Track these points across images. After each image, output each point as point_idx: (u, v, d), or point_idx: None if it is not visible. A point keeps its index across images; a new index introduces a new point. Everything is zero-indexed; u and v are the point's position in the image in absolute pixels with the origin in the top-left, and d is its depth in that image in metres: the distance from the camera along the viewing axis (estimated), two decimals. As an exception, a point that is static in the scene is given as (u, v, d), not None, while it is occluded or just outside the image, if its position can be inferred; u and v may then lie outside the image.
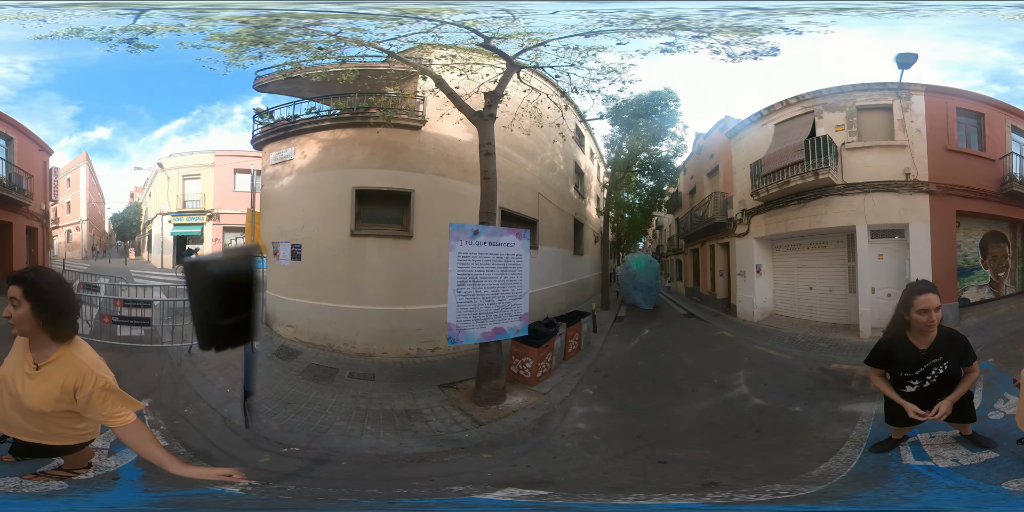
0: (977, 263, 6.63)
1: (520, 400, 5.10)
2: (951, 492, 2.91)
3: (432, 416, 4.65)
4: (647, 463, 3.72)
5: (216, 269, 1.62)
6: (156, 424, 3.90)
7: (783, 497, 2.98)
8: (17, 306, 2.18)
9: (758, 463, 3.65)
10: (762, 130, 7.27)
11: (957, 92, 6.59)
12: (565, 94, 6.03)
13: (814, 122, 6.79)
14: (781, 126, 7.09)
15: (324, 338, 5.93)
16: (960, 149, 6.54)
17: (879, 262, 6.42)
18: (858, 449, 3.65)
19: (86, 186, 7.11)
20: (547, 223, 7.73)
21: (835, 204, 6.58)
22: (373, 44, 5.05)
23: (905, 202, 6.35)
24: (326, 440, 4.07)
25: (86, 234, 7.34)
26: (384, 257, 6.01)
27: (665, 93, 6.87)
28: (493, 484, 3.27)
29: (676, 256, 10.46)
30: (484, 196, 5.10)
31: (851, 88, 6.72)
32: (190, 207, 7.06)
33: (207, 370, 4.95)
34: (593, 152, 9.54)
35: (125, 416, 2.23)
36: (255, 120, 6.33)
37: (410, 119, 5.96)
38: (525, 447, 4.13)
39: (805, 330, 6.70)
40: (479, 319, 4.92)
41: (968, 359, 3.12)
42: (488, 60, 5.36)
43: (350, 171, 6.04)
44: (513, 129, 5.98)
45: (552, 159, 7.82)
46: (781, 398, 5.01)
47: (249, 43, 5.38)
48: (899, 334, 3.14)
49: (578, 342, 6.56)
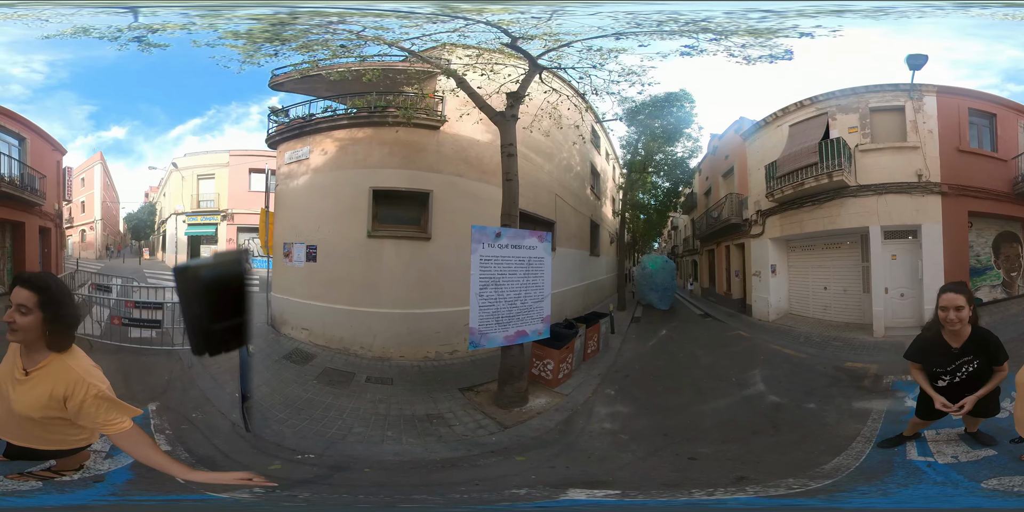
0: (990, 263, 6.70)
1: (543, 402, 5.11)
2: (935, 488, 3.03)
3: (455, 420, 4.62)
4: (679, 460, 3.79)
5: (207, 273, 1.60)
6: (162, 428, 3.82)
7: (795, 491, 3.10)
8: (26, 314, 2.05)
9: (776, 458, 3.75)
10: (776, 131, 7.30)
11: (969, 92, 6.64)
12: (583, 96, 6.02)
13: (828, 124, 6.83)
14: (795, 127, 7.12)
15: (340, 341, 5.89)
16: (972, 150, 6.59)
17: (892, 262, 6.48)
18: (868, 444, 3.77)
19: (100, 186, 7.04)
20: (564, 224, 7.74)
21: (849, 205, 6.64)
22: (395, 43, 5.01)
23: (917, 203, 6.41)
24: (344, 446, 3.97)
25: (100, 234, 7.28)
26: (402, 259, 5.97)
27: (681, 94, 6.88)
28: (549, 485, 3.29)
29: (692, 257, 10.54)
30: (506, 198, 5.07)
31: (864, 89, 6.77)
32: (204, 207, 7.01)
33: (218, 374, 4.86)
34: (609, 153, 9.54)
35: (120, 423, 2.17)
36: (270, 118, 6.29)
37: (429, 119, 5.92)
38: (556, 448, 4.14)
39: (820, 329, 6.78)
40: (501, 322, 4.90)
41: (999, 358, 3.21)
42: (509, 60, 5.34)
43: (367, 171, 5.99)
44: (533, 130, 5.95)
45: (569, 160, 7.82)
46: (797, 395, 5.09)
47: (264, 40, 5.32)
48: (935, 332, 3.25)
49: (597, 343, 6.57)
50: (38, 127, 6.19)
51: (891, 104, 6.65)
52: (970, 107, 6.63)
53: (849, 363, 5.83)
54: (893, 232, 6.48)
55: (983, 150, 6.61)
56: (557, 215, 7.48)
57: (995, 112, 6.64)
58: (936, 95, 6.50)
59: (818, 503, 3.00)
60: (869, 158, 6.61)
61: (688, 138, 7.55)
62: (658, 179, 8.45)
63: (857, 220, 6.57)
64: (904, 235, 6.47)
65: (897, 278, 6.41)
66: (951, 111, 6.55)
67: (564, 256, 7.73)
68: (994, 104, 6.63)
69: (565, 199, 7.75)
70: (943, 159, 6.42)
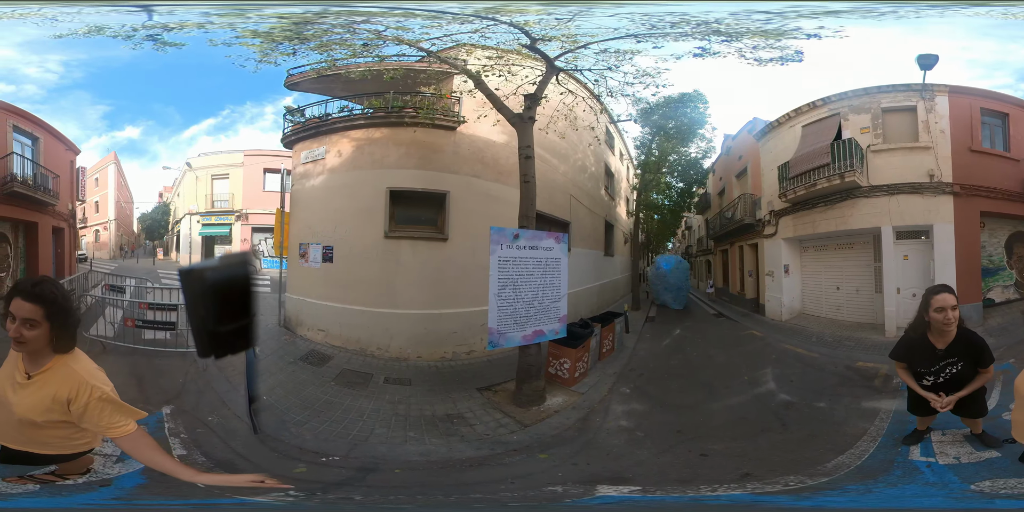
0: (1002, 263, 6.71)
1: (560, 400, 5.15)
2: (923, 488, 3.06)
3: (475, 419, 4.65)
4: (691, 457, 3.86)
5: (212, 275, 1.59)
6: (176, 432, 3.76)
7: (790, 488, 3.16)
8: (34, 327, 2.00)
9: (781, 455, 3.80)
10: (790, 132, 7.31)
11: (982, 92, 6.64)
12: (598, 97, 6.02)
13: (840, 124, 6.84)
14: (808, 128, 7.14)
15: (357, 342, 5.91)
16: (984, 149, 6.60)
17: (904, 263, 6.50)
18: (873, 443, 3.81)
19: (114, 185, 7.03)
20: (579, 225, 7.76)
21: (861, 206, 6.66)
22: (414, 43, 5.00)
23: (929, 203, 6.42)
24: (368, 448, 3.94)
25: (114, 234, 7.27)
26: (419, 259, 5.98)
27: (694, 95, 6.89)
28: (578, 482, 3.34)
29: (705, 256, 10.57)
30: (523, 199, 5.09)
31: (876, 90, 6.78)
32: (218, 207, 7.00)
33: (234, 376, 4.75)
34: (623, 153, 9.56)
35: (124, 426, 2.14)
36: (286, 118, 6.28)
37: (447, 119, 5.92)
38: (576, 446, 4.19)
39: (832, 329, 6.81)
40: (519, 322, 4.94)
41: (984, 361, 3.24)
42: (526, 62, 5.34)
43: (384, 171, 5.99)
44: (549, 132, 5.96)
45: (584, 161, 7.83)
46: (807, 394, 5.14)
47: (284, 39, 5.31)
48: (920, 333, 3.29)
49: (612, 342, 6.61)
50: (51, 127, 6.18)
51: (903, 104, 6.66)
52: (982, 107, 6.64)
53: (860, 363, 5.86)
54: (905, 232, 6.50)
55: (996, 150, 6.62)
56: (572, 215, 7.50)
57: (1008, 112, 6.63)
58: (948, 95, 6.51)
59: (787, 501, 3.04)
60: (881, 158, 6.62)
61: (702, 138, 7.58)
62: (672, 179, 8.48)
63: (869, 220, 6.59)
64: (916, 235, 6.49)
65: (909, 278, 6.43)
66: (963, 111, 6.55)
67: (579, 256, 7.74)
68: (1007, 104, 6.63)
69: (580, 200, 7.77)
70: (955, 159, 6.43)
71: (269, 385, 4.97)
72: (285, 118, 6.25)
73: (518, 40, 4.91)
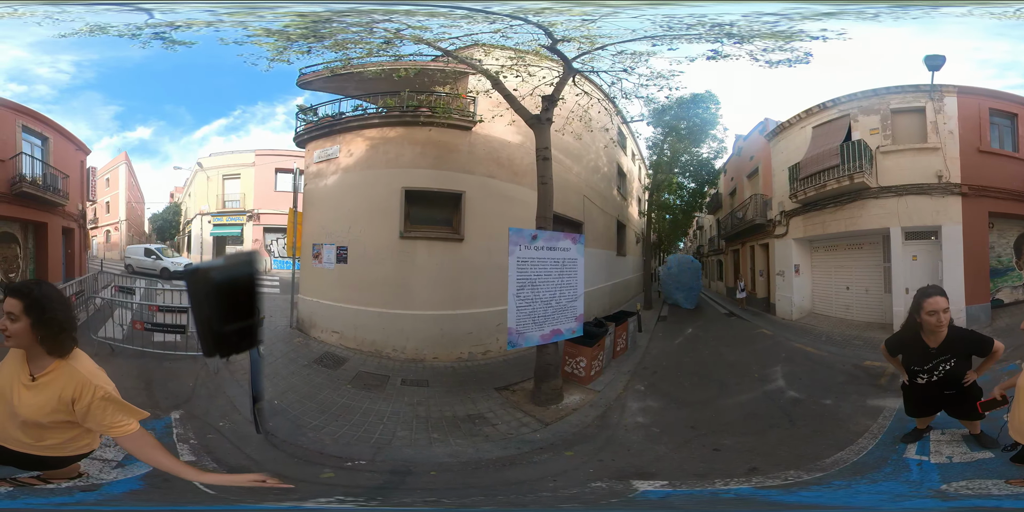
0: (1011, 264, 6.75)
1: (577, 398, 5.18)
2: (900, 486, 3.13)
3: (497, 419, 4.67)
4: (705, 451, 3.96)
5: (217, 275, 1.60)
6: (185, 438, 3.71)
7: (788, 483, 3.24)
8: (15, 320, 2.14)
9: (786, 450, 3.89)
10: (800, 133, 7.35)
11: (991, 92, 6.67)
12: (612, 99, 6.03)
13: (850, 126, 6.87)
14: (818, 129, 7.17)
15: (372, 344, 5.88)
16: (993, 150, 6.64)
17: (913, 263, 6.56)
18: (873, 440, 3.88)
19: (125, 186, 6.97)
20: (592, 225, 7.77)
21: (870, 206, 6.70)
22: (431, 42, 4.97)
23: (937, 204, 6.47)
24: (393, 451, 3.91)
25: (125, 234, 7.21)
26: (434, 260, 5.96)
27: (706, 95, 6.90)
28: (616, 478, 3.39)
29: (716, 256, 10.62)
30: (541, 201, 5.10)
31: (885, 91, 6.81)
32: (230, 207, 6.95)
33: (245, 380, 4.58)
34: (635, 154, 9.57)
35: (126, 426, 2.20)
36: (298, 117, 6.23)
37: (462, 119, 5.90)
38: (598, 443, 4.24)
39: (841, 328, 6.89)
40: (537, 322, 4.97)
41: (984, 348, 3.29)
42: (543, 63, 5.33)
43: (399, 171, 5.95)
44: (565, 133, 5.96)
45: (596, 162, 7.84)
46: (815, 391, 5.22)
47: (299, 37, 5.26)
48: (914, 332, 3.35)
49: (625, 341, 6.66)
50: (61, 127, 6.12)
51: (911, 105, 6.70)
52: (991, 107, 6.67)
53: (868, 362, 5.92)
54: (914, 233, 6.55)
55: (1004, 150, 6.66)
56: (585, 216, 7.52)
57: (1017, 112, 6.67)
58: (956, 96, 6.54)
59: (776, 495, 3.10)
60: (890, 159, 6.66)
61: (713, 139, 7.61)
62: (684, 179, 8.50)
63: (878, 221, 6.64)
64: (925, 236, 6.55)
65: (918, 278, 6.46)
66: (972, 111, 6.58)
67: (591, 256, 7.73)
68: (1016, 104, 6.66)
69: (593, 200, 7.79)
70: (963, 160, 6.46)
71: (282, 389, 4.92)
72: (297, 117, 6.22)
73: (537, 41, 4.90)
